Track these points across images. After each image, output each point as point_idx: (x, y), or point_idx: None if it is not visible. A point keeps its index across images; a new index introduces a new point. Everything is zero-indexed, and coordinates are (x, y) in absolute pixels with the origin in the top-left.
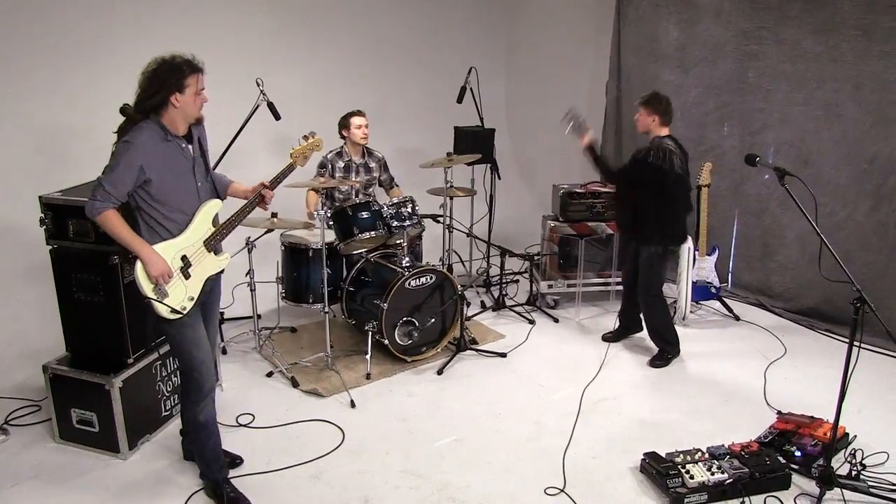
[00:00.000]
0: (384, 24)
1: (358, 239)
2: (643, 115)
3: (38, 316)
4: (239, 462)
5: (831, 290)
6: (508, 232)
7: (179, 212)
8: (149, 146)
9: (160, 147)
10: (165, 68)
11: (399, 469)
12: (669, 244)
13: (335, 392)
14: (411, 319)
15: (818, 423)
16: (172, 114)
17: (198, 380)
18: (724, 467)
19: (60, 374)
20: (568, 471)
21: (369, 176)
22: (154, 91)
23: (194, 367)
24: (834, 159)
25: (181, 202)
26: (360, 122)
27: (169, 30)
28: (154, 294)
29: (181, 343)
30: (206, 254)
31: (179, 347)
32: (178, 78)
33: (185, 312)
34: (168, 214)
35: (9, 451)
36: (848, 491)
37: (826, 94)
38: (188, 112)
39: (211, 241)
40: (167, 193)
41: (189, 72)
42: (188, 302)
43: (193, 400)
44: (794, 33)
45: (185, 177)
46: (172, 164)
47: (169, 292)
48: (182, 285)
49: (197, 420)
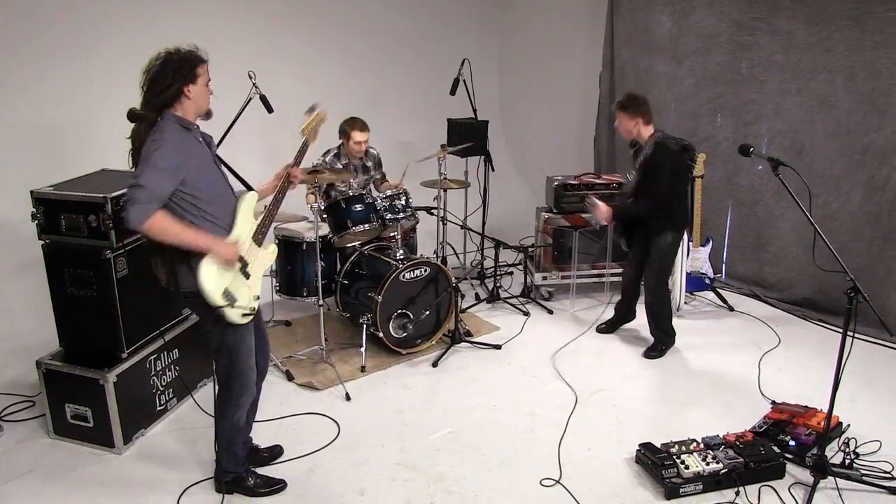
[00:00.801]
0: (377, 16)
1: (352, 232)
2: (624, 120)
3: (31, 311)
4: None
5: (825, 281)
6: (502, 224)
7: (221, 206)
8: (178, 140)
9: (186, 139)
10: (175, 60)
11: (394, 461)
12: (681, 230)
13: (330, 385)
14: (406, 312)
15: (812, 412)
16: (186, 106)
17: (245, 385)
18: (718, 457)
19: (54, 370)
20: (563, 462)
21: (367, 176)
22: (166, 85)
23: (244, 373)
24: (827, 150)
25: (219, 194)
26: (360, 137)
27: (160, 24)
28: (224, 301)
29: (238, 350)
30: (258, 249)
31: (237, 354)
32: (190, 68)
33: (255, 311)
34: (211, 211)
35: (3, 446)
36: (841, 479)
37: (819, 85)
38: (200, 103)
39: (258, 235)
40: (205, 187)
41: (198, 62)
42: (255, 301)
43: (238, 404)
44: (787, 24)
45: (212, 167)
46: (199, 156)
47: (237, 296)
48: (245, 286)
49: (237, 424)
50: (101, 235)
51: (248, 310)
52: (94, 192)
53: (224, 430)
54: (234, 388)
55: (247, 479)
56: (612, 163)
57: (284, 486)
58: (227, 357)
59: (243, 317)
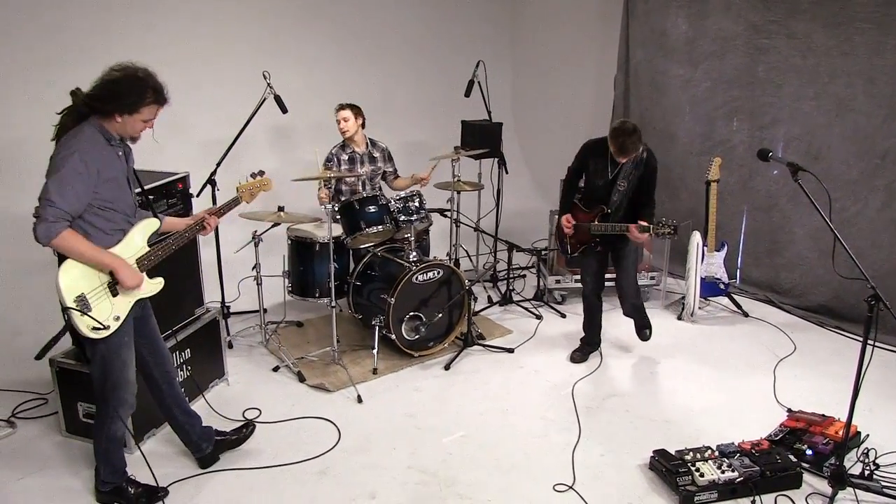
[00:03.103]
0: (390, 18)
1: (365, 233)
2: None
3: (44, 309)
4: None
5: (841, 287)
6: (515, 226)
7: (122, 220)
8: (92, 153)
9: (103, 151)
10: (128, 85)
11: (406, 465)
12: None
13: (342, 387)
14: (418, 314)
15: (829, 421)
16: (113, 125)
17: (122, 398)
18: (734, 465)
19: (67, 368)
20: (577, 467)
21: (374, 166)
22: (106, 99)
23: (120, 386)
24: (845, 154)
25: (123, 209)
26: (339, 115)
27: (176, 25)
28: (75, 304)
29: (112, 362)
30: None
31: (110, 367)
32: (136, 101)
33: (109, 331)
34: (107, 223)
35: (16, 443)
36: (861, 490)
37: (838, 89)
38: (127, 131)
39: (144, 261)
40: (111, 201)
41: (151, 101)
42: (113, 322)
43: (114, 416)
44: (805, 27)
45: (124, 187)
46: (113, 170)
47: (93, 306)
48: (108, 302)
49: (114, 435)
50: None
51: (101, 325)
52: None
53: (101, 441)
54: (110, 400)
55: (126, 490)
56: None
57: (166, 494)
58: (100, 368)
59: (93, 330)
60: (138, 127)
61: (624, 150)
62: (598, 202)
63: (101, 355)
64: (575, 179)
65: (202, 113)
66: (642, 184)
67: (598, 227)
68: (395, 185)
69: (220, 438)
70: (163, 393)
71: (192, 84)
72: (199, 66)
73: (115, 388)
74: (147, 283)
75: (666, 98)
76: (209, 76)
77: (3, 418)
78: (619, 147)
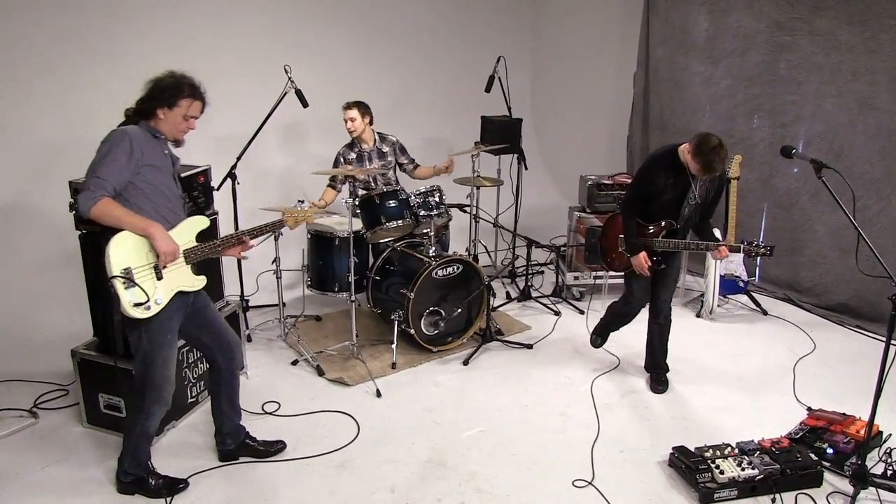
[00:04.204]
0: (410, 12)
1: (385, 228)
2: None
3: (67, 300)
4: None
5: (862, 286)
6: (534, 223)
7: (166, 209)
8: (139, 136)
9: (149, 141)
10: (167, 82)
11: (425, 459)
12: None
13: (360, 381)
14: (437, 309)
15: (850, 420)
16: (159, 124)
17: (159, 396)
18: (754, 463)
19: (88, 359)
20: (596, 463)
21: (384, 161)
22: (148, 98)
23: (159, 385)
24: (868, 152)
25: (167, 199)
26: (346, 115)
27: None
28: (121, 274)
29: (154, 358)
30: (184, 265)
31: (152, 362)
32: (173, 95)
33: (150, 312)
34: (151, 206)
35: (38, 434)
36: (884, 491)
37: (861, 87)
38: (170, 129)
39: (190, 254)
40: (155, 188)
41: (187, 94)
42: (155, 304)
43: (151, 412)
44: (828, 24)
45: (168, 177)
46: (158, 161)
47: (137, 282)
48: (151, 282)
49: (147, 432)
50: None
51: (143, 301)
52: None
53: (133, 434)
54: (147, 396)
55: (147, 481)
56: None
57: (186, 485)
58: (142, 363)
59: (134, 307)
60: (179, 124)
61: (711, 169)
62: (664, 217)
63: (144, 351)
64: (640, 202)
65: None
66: (715, 196)
67: (665, 243)
68: (416, 175)
69: (248, 442)
70: (221, 380)
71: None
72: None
73: (154, 386)
74: (191, 277)
75: (686, 95)
76: (226, 71)
77: (25, 408)
78: (705, 165)
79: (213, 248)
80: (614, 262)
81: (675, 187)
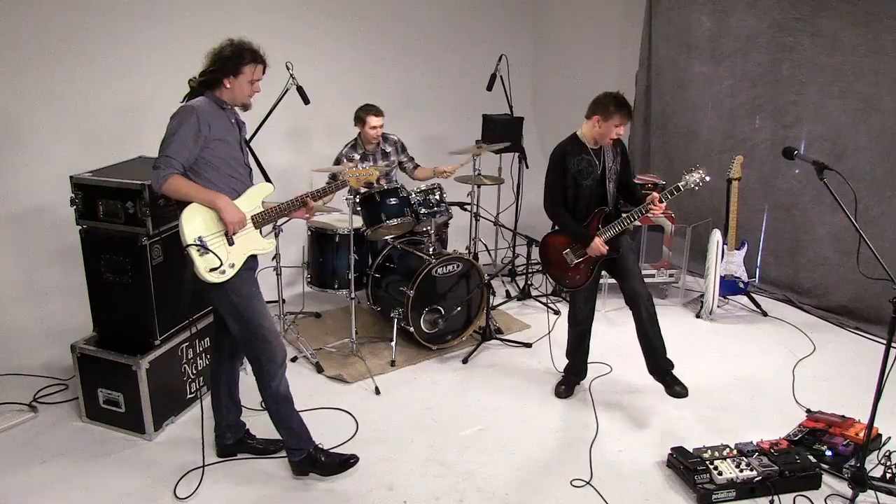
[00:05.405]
0: (411, 10)
1: (385, 225)
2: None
3: (66, 296)
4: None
5: (862, 288)
6: (535, 221)
7: (234, 179)
8: (206, 110)
9: (217, 114)
10: (228, 51)
11: (424, 457)
12: None
13: (359, 379)
14: (437, 307)
15: (849, 422)
16: (224, 93)
17: (271, 351)
18: (752, 464)
19: (88, 354)
20: (594, 463)
21: (387, 161)
22: (213, 69)
23: (265, 338)
24: (870, 154)
25: (234, 170)
26: (375, 122)
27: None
28: (195, 243)
29: (250, 314)
30: (253, 230)
31: (248, 320)
32: (237, 63)
33: (225, 276)
34: (220, 178)
35: (37, 428)
36: (882, 494)
37: (864, 88)
38: (237, 96)
39: (258, 218)
40: (223, 160)
41: (249, 60)
42: (229, 268)
43: (270, 372)
44: (831, 24)
45: (236, 147)
46: (226, 132)
47: (211, 249)
48: (224, 249)
49: (279, 393)
50: (138, 222)
51: (218, 266)
52: (131, 179)
53: (271, 404)
54: (261, 357)
55: (318, 458)
56: (646, 163)
57: (357, 460)
58: (238, 322)
59: (210, 272)
60: (246, 90)
61: (628, 107)
62: (593, 206)
63: (235, 308)
64: (563, 199)
65: None
66: (624, 159)
67: (608, 229)
68: (416, 176)
69: (248, 441)
70: (222, 367)
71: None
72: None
73: (261, 341)
74: (261, 241)
75: (688, 95)
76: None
77: (25, 403)
78: (623, 106)
79: (280, 211)
80: (574, 279)
81: (588, 169)
